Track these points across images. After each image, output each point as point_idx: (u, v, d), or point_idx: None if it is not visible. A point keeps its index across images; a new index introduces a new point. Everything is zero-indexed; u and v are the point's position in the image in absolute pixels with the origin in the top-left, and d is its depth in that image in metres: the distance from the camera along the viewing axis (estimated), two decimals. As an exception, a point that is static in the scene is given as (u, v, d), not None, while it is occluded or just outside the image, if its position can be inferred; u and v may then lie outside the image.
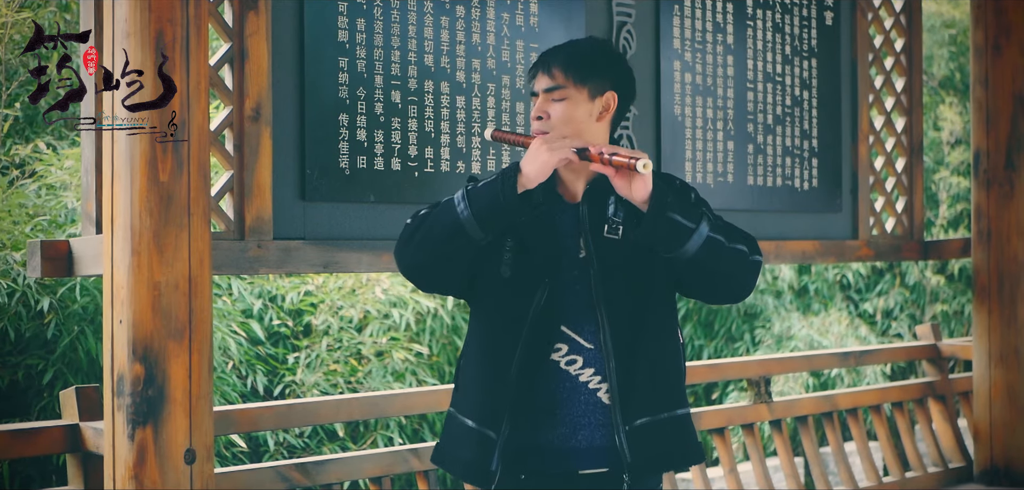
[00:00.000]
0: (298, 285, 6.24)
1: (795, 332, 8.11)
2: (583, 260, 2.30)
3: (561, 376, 2.29)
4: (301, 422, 3.65)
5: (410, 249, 2.31)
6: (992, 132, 4.95)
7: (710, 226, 2.24)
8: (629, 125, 3.94)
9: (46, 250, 2.83)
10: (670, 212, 2.19)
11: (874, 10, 4.86)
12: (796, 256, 4.54)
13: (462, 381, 2.41)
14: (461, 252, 2.27)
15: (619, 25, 3.93)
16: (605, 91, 2.34)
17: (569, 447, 2.29)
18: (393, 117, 3.34)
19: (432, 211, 2.30)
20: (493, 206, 2.21)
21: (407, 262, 2.33)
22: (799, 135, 4.53)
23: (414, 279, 2.39)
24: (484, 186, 2.23)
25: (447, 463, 2.40)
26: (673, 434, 2.32)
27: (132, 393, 2.50)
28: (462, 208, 2.22)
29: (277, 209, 3.12)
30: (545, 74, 2.33)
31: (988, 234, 4.96)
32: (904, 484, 4.94)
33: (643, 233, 2.21)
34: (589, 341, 2.29)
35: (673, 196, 2.22)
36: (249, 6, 3.05)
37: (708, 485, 4.35)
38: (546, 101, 2.32)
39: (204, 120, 2.61)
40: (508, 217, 2.22)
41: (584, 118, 2.32)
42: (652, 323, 2.31)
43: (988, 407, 4.95)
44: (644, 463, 2.27)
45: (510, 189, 2.20)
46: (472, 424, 2.32)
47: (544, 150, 2.21)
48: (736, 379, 6.38)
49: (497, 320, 2.32)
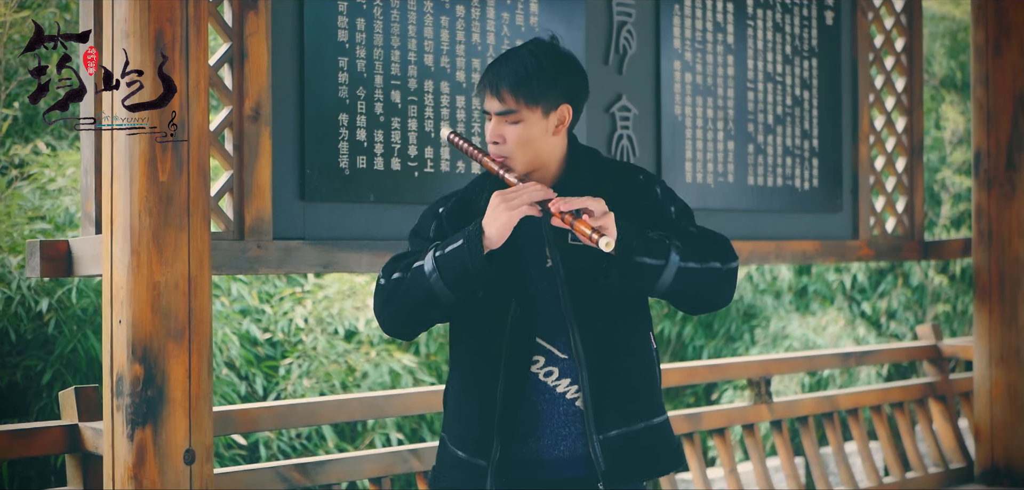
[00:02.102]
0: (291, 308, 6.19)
1: (790, 332, 8.11)
2: (549, 270, 2.29)
3: (540, 388, 2.30)
4: (301, 422, 3.65)
5: (389, 314, 2.32)
6: (993, 132, 4.95)
7: (680, 254, 2.22)
8: (629, 125, 3.94)
9: (45, 250, 2.82)
10: (637, 257, 2.17)
11: (874, 10, 4.86)
12: (796, 256, 4.53)
13: (449, 410, 2.43)
14: (437, 312, 2.29)
15: (619, 25, 3.93)
16: (558, 105, 2.29)
17: (553, 458, 2.30)
18: (393, 117, 3.33)
19: (405, 277, 2.28)
20: (462, 273, 2.20)
21: (388, 325, 2.36)
22: (799, 135, 4.53)
23: (395, 335, 2.43)
24: (452, 254, 2.21)
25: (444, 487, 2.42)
26: (649, 444, 2.32)
27: (131, 393, 2.50)
28: (434, 279, 2.21)
29: (277, 209, 3.11)
30: (494, 96, 2.27)
31: (989, 234, 4.95)
32: (904, 484, 4.93)
33: (612, 283, 2.20)
34: (563, 351, 2.29)
35: (639, 238, 2.19)
36: (249, 6, 3.04)
37: (708, 485, 4.34)
38: (500, 123, 2.28)
39: (204, 120, 2.61)
40: (478, 281, 2.21)
41: (540, 136, 2.28)
42: (623, 330, 2.31)
43: (989, 407, 4.94)
44: (620, 473, 2.28)
45: (477, 255, 2.18)
46: (463, 456, 2.34)
47: (503, 211, 2.18)
48: (730, 380, 6.38)
49: (474, 341, 2.33)
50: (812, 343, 7.95)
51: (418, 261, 2.26)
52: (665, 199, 2.38)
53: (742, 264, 4.70)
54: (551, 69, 2.27)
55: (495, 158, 2.30)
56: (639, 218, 2.30)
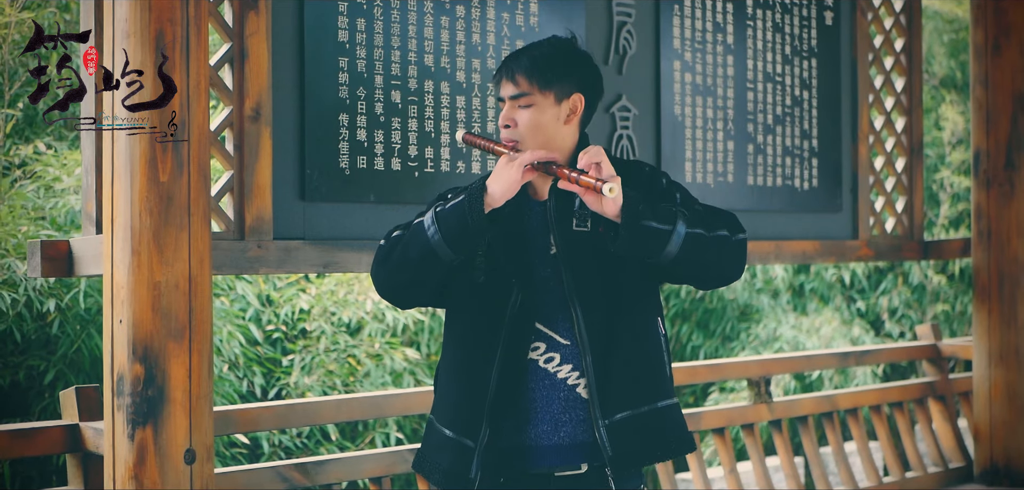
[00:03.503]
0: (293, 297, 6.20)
1: (781, 333, 8.10)
2: (554, 256, 2.31)
3: (540, 374, 2.30)
4: (301, 422, 3.65)
5: (384, 272, 2.33)
6: (992, 132, 4.96)
7: (687, 222, 2.23)
8: (629, 125, 3.95)
9: (46, 250, 2.83)
10: (644, 220, 2.18)
11: (874, 10, 4.86)
12: (796, 256, 4.54)
13: (440, 389, 2.43)
14: (434, 272, 2.29)
15: (619, 25, 3.93)
16: (571, 93, 2.32)
17: (551, 445, 2.29)
18: (393, 117, 3.34)
19: (404, 233, 2.30)
20: (462, 229, 2.21)
21: (382, 284, 2.36)
22: (799, 135, 4.53)
23: (389, 298, 2.42)
24: (452, 207, 2.23)
25: (427, 470, 2.41)
26: (656, 426, 2.31)
27: (132, 393, 2.51)
28: (433, 232, 2.23)
29: (277, 209, 3.12)
30: (509, 81, 2.31)
31: (988, 234, 4.96)
32: (904, 484, 4.94)
33: (621, 246, 2.20)
34: (565, 337, 2.29)
35: (645, 203, 2.20)
36: (249, 6, 3.05)
37: (708, 485, 4.35)
38: (512, 108, 2.31)
39: (204, 120, 2.61)
40: (477, 238, 2.23)
41: (551, 123, 2.31)
42: (628, 314, 2.31)
43: (988, 407, 4.95)
44: (626, 457, 2.27)
45: (478, 210, 2.20)
46: (450, 434, 2.33)
47: (509, 168, 2.21)
48: (729, 379, 6.38)
49: (474, 326, 2.33)
50: (801, 345, 7.95)
51: (419, 218, 2.29)
52: (670, 188, 2.39)
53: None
54: (567, 58, 2.33)
55: (506, 142, 2.32)
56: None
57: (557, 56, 2.32)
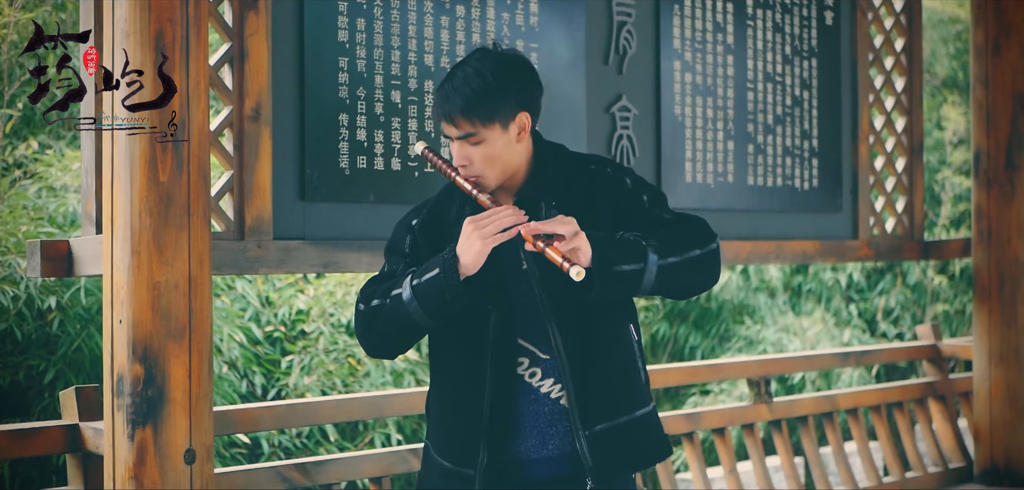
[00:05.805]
0: (291, 298, 6.20)
1: (764, 335, 8.10)
2: (526, 272, 2.31)
3: (525, 389, 2.32)
4: (301, 422, 3.65)
5: (371, 341, 2.35)
6: (992, 132, 4.95)
7: (658, 252, 2.23)
8: (629, 125, 3.94)
9: (46, 250, 2.83)
10: (615, 266, 2.19)
11: (874, 10, 4.86)
12: (796, 256, 4.54)
13: (433, 418, 2.44)
14: (418, 335, 2.32)
15: (619, 25, 3.93)
16: (516, 114, 2.29)
17: (541, 457, 2.32)
18: (393, 117, 3.34)
19: (383, 304, 2.29)
20: (441, 301, 2.22)
21: (370, 349, 2.38)
22: (799, 135, 4.53)
23: (379, 357, 2.48)
24: (429, 282, 2.22)
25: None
26: (635, 436, 2.33)
27: (132, 393, 2.51)
28: (413, 307, 2.23)
29: (277, 209, 3.12)
30: (450, 125, 2.28)
31: (988, 234, 4.96)
32: (904, 484, 4.94)
33: (595, 296, 2.21)
34: (544, 351, 2.31)
35: (614, 247, 2.20)
36: (249, 6, 3.05)
37: (708, 485, 4.35)
38: (463, 146, 2.28)
39: (204, 120, 2.61)
40: (457, 307, 2.23)
41: (505, 150, 2.29)
42: (601, 324, 2.32)
43: (988, 407, 4.95)
44: (608, 466, 2.29)
45: (453, 282, 2.20)
46: (449, 465, 2.35)
47: (477, 240, 2.19)
48: (729, 379, 6.37)
49: (458, 353, 2.34)
50: (785, 347, 7.95)
51: (396, 288, 2.28)
52: (636, 189, 2.38)
53: (742, 263, 4.70)
54: (499, 83, 2.25)
55: (467, 178, 2.31)
56: (612, 212, 2.32)
57: (488, 88, 2.24)
